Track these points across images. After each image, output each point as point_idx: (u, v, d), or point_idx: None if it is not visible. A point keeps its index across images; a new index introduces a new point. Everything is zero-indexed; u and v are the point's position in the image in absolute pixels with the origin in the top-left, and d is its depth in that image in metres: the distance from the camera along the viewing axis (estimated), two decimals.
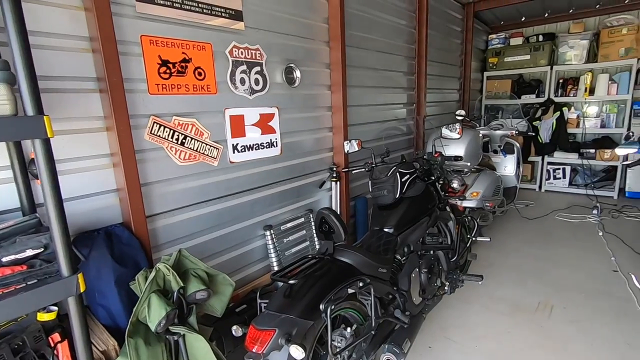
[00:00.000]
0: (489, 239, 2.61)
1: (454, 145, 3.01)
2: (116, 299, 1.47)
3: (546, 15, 5.19)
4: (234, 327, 1.42)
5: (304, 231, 2.57)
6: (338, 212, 2.77)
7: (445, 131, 2.45)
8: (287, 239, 2.42)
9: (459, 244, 2.40)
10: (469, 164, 2.96)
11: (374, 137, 3.22)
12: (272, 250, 2.30)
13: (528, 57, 5.08)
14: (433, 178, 2.40)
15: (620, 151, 2.60)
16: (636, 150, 2.57)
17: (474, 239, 2.55)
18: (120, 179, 1.61)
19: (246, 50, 2.10)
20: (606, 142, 4.75)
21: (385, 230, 2.04)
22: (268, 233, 2.30)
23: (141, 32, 1.66)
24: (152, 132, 1.74)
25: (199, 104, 1.90)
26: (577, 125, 4.92)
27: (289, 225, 2.44)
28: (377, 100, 3.28)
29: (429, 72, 3.93)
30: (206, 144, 1.96)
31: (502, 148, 3.98)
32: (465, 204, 3.16)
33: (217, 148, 2.01)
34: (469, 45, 4.69)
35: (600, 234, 3.65)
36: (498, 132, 3.90)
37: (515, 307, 2.51)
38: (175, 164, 1.84)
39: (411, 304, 1.97)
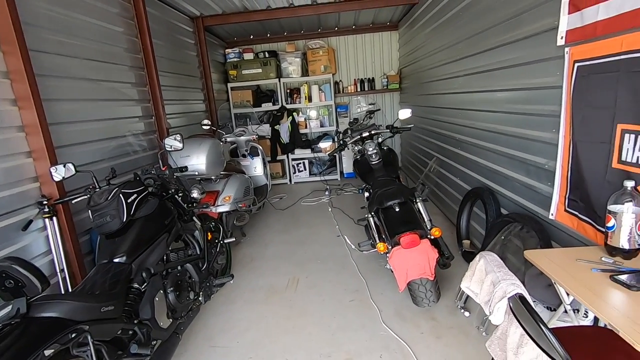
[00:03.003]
0: (234, 239, 2.81)
1: (195, 155, 3.04)
2: None
3: (268, 35, 6.10)
4: None
5: None
6: (61, 253, 2.26)
7: (169, 141, 2.41)
8: None
9: (208, 251, 2.44)
10: (202, 171, 3.03)
11: (103, 156, 2.81)
12: None
13: (260, 70, 5.81)
14: (171, 192, 2.32)
15: (322, 145, 3.35)
16: (331, 142, 3.38)
17: (223, 242, 2.66)
18: None
19: None
20: (326, 137, 6.10)
21: (116, 260, 1.81)
22: None
23: None
24: None
25: None
26: (306, 126, 6.08)
27: None
28: (101, 115, 2.87)
29: (165, 84, 3.80)
30: None
31: (248, 152, 4.38)
32: (219, 209, 3.28)
33: None
34: (205, 58, 4.88)
35: (330, 209, 4.65)
36: (242, 137, 4.27)
37: (271, 291, 2.82)
38: None
39: (158, 330, 1.83)
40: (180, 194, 2.38)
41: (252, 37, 6.10)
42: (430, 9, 4.11)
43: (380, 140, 3.38)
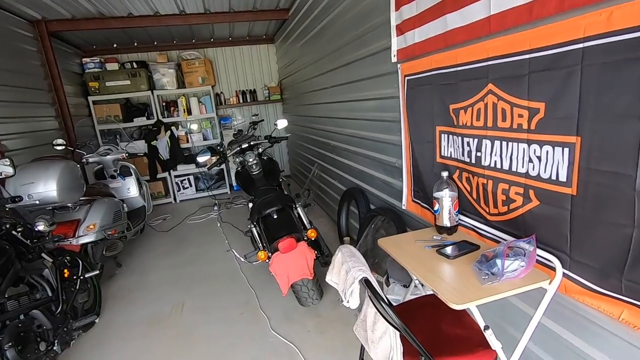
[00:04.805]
0: (97, 272, 2.49)
1: (42, 181, 2.59)
2: None
3: (135, 44, 5.60)
4: None
5: None
6: None
7: None
8: None
9: (65, 291, 2.11)
10: (52, 198, 2.58)
11: None
12: None
13: (129, 82, 5.29)
14: (5, 228, 1.93)
15: (199, 159, 3.24)
16: (209, 156, 3.29)
17: (84, 277, 2.33)
18: None
19: None
20: (211, 151, 5.88)
21: None
22: None
23: None
24: None
25: None
26: (187, 141, 5.77)
27: None
28: None
29: None
30: None
31: (118, 172, 3.94)
32: (82, 240, 2.86)
33: None
34: (54, 68, 4.21)
35: (219, 224, 4.50)
36: (108, 157, 3.82)
37: (153, 322, 2.58)
38: None
39: None
40: (19, 229, 2.00)
41: (115, 45, 5.52)
42: (298, 25, 4.38)
43: (260, 150, 3.43)
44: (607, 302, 1.10)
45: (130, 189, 4.01)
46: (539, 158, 1.25)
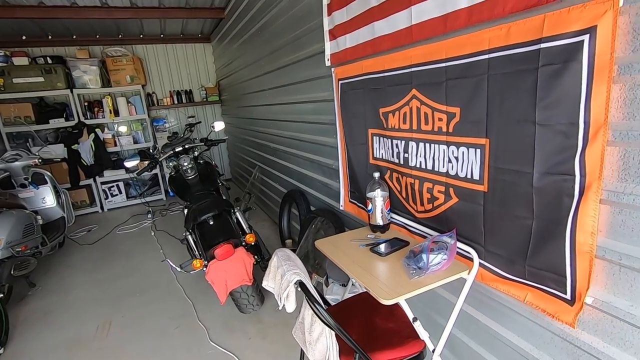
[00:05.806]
0: (2, 295, 2.19)
1: None
2: None
3: (49, 37, 5.02)
4: None
5: None
6: None
7: None
8: None
9: None
10: None
11: None
12: None
13: (42, 79, 4.71)
14: None
15: (127, 164, 2.99)
16: (139, 160, 3.05)
17: None
18: None
19: None
20: (142, 155, 5.48)
21: None
22: None
23: None
24: None
25: None
26: (115, 144, 5.31)
27: None
28: None
29: None
30: None
31: (30, 180, 3.50)
32: None
33: None
34: None
35: (153, 233, 4.21)
36: (17, 163, 3.37)
37: (74, 345, 2.32)
38: None
39: None
40: None
41: (24, 37, 4.88)
42: (234, 25, 4.28)
43: (196, 153, 3.28)
44: (515, 287, 1.23)
45: (45, 198, 3.58)
46: (457, 158, 1.35)
